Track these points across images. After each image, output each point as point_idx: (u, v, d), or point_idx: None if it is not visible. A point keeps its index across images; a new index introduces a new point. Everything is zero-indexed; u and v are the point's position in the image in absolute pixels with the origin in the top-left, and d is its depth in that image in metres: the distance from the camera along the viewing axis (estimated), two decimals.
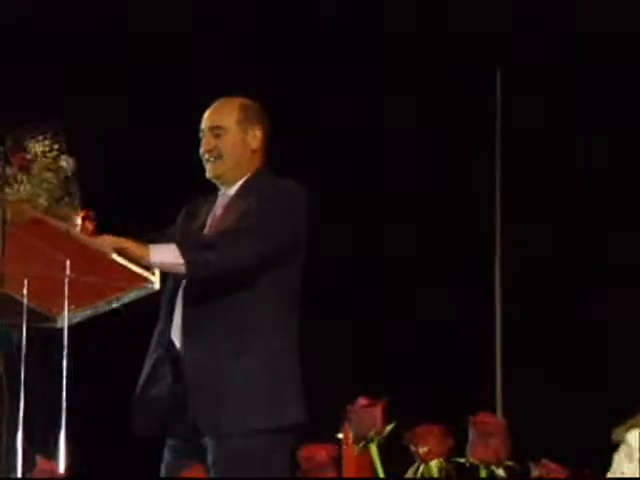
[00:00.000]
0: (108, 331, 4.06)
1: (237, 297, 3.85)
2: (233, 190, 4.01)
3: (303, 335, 3.93)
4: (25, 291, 3.60)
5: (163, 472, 3.93)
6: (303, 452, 2.29)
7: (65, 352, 3.55)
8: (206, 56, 5.95)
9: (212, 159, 3.99)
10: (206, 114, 4.06)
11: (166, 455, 3.94)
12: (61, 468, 3.38)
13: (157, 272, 3.69)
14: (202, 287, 3.82)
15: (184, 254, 3.72)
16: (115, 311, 3.81)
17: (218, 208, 4.02)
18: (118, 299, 3.77)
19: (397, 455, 2.45)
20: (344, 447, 3.50)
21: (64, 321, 3.65)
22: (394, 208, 6.19)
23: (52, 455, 3.44)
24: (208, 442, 3.80)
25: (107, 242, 3.64)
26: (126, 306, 3.73)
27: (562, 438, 4.94)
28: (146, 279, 3.69)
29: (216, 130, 4.00)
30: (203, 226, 4.00)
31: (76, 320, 3.73)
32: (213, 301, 3.83)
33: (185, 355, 3.86)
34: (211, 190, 4.10)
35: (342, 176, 6.05)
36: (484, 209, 6.14)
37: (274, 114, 4.08)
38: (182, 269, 3.73)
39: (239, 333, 3.85)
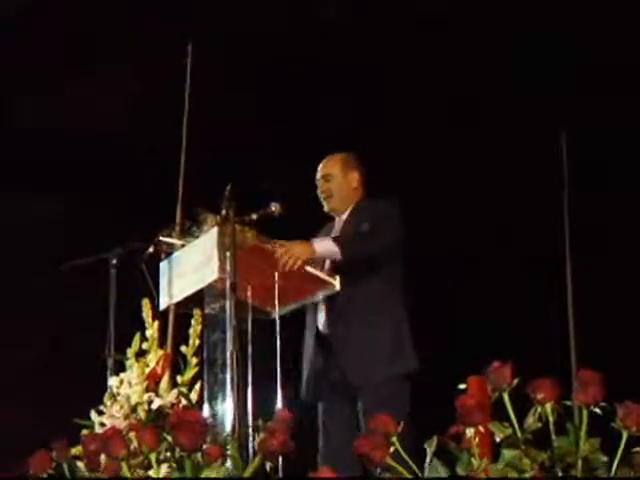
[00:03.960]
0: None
1: (363, 286, 3.90)
2: (345, 216, 4.15)
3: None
4: (249, 294, 3.68)
5: (321, 428, 3.99)
6: (457, 401, 2.26)
7: (278, 336, 3.62)
8: None
9: (326, 198, 4.16)
10: (319, 167, 4.22)
11: (323, 416, 3.99)
12: None
13: (337, 278, 3.74)
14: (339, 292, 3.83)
15: (338, 243, 3.83)
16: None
17: (337, 231, 4.13)
18: (311, 297, 3.84)
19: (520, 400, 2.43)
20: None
21: (276, 314, 3.72)
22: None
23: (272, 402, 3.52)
24: (359, 393, 3.84)
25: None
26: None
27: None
28: (330, 283, 3.75)
29: (327, 177, 4.17)
30: None
31: (283, 313, 3.78)
32: (346, 292, 3.84)
33: (330, 333, 3.93)
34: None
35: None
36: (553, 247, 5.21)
37: None
38: (338, 254, 3.81)
39: (368, 312, 3.90)
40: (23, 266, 5.96)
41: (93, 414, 3.47)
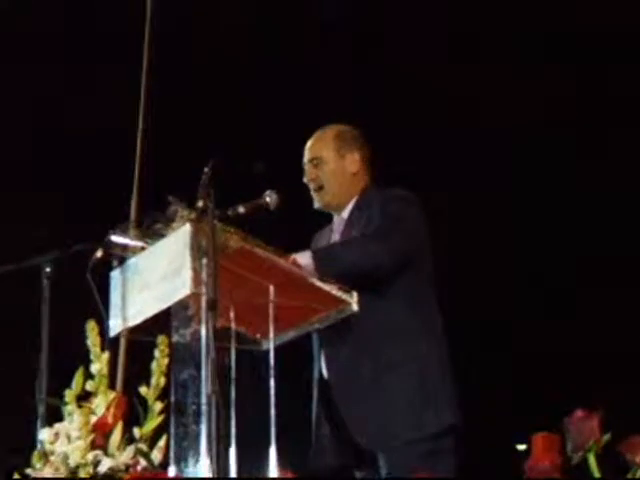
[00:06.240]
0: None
1: (372, 314, 3.85)
2: (346, 213, 4.12)
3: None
4: (232, 316, 3.67)
5: None
6: (528, 462, 2.31)
7: (272, 372, 3.59)
8: None
9: (316, 190, 4.12)
10: (306, 146, 4.18)
11: None
12: None
13: (355, 295, 3.71)
14: (341, 321, 3.79)
15: (316, 256, 3.76)
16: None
17: (335, 234, 4.13)
18: (319, 321, 3.80)
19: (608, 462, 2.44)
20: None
21: (269, 343, 3.70)
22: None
23: (263, 468, 3.50)
24: (378, 460, 3.85)
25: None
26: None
27: None
28: (345, 301, 3.71)
29: (315, 161, 4.13)
30: None
31: (279, 342, 3.75)
32: (350, 330, 3.85)
33: (334, 381, 3.94)
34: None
35: None
36: None
37: None
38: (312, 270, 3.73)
39: (383, 349, 3.89)
40: None
41: None
